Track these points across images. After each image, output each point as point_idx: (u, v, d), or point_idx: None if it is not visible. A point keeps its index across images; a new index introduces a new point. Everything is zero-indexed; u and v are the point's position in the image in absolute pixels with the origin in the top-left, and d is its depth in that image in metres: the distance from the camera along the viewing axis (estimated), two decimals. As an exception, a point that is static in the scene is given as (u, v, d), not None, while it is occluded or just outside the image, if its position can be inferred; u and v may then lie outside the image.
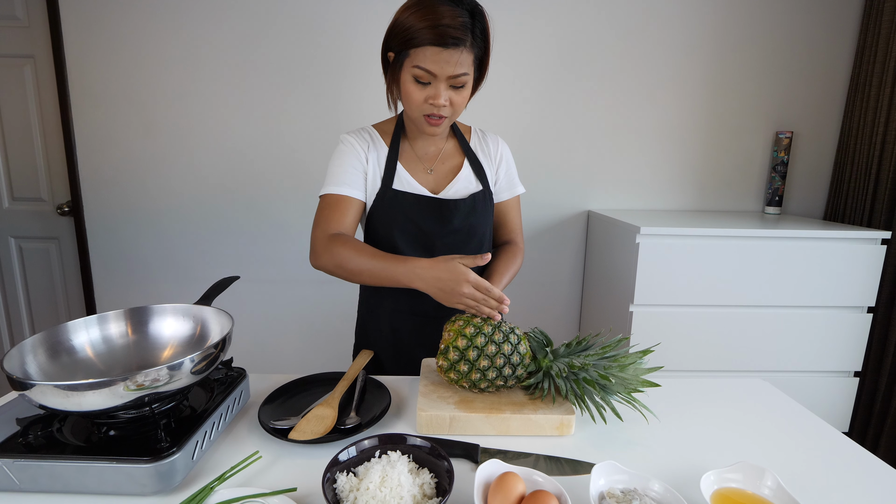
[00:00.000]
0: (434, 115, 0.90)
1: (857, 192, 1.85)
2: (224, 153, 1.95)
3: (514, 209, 1.13)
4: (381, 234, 1.00)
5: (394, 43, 0.88)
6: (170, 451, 0.60)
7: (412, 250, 1.00)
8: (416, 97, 0.88)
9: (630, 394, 0.77)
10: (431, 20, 0.82)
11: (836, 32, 1.90)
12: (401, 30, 0.85)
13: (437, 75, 0.86)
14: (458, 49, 0.84)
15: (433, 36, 0.82)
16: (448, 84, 0.87)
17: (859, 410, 1.82)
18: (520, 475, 0.60)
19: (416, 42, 0.84)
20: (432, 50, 0.83)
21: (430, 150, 1.04)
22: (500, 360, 0.78)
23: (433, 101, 0.88)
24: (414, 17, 0.83)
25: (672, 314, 1.63)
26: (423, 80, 0.87)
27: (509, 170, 1.11)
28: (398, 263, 0.84)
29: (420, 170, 1.02)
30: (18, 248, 2.11)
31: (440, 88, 0.87)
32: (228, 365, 0.84)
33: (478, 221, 1.03)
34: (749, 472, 0.62)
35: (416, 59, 0.85)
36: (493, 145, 1.10)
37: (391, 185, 0.98)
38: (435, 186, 1.02)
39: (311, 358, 2.14)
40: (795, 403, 0.90)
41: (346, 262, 0.88)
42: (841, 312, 1.66)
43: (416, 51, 0.84)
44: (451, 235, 1.00)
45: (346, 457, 0.63)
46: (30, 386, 0.57)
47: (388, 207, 0.98)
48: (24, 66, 1.93)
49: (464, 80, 0.88)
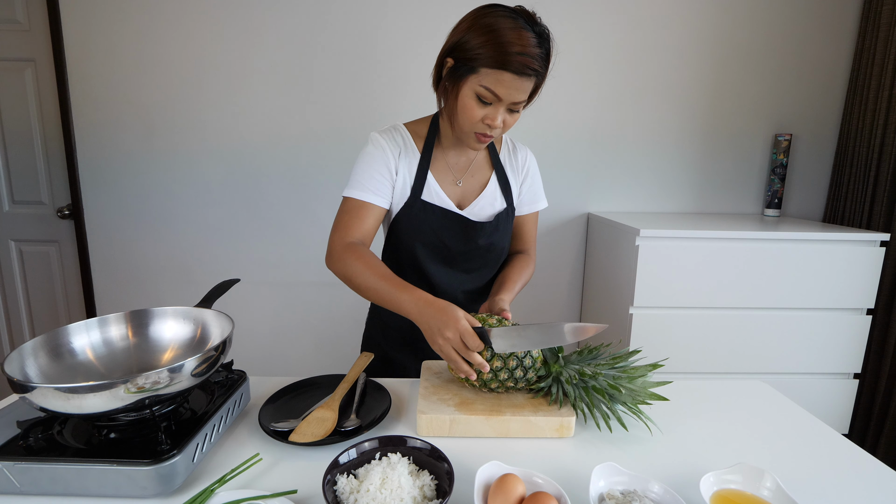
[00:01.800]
0: (485, 133, 0.90)
1: (856, 194, 1.85)
2: (224, 156, 1.96)
3: (531, 222, 1.13)
4: (404, 242, 1.00)
5: (460, 55, 0.84)
6: (170, 454, 0.60)
7: (431, 261, 1.00)
8: (474, 115, 0.87)
9: (637, 405, 0.78)
10: (510, 45, 0.80)
11: (835, 35, 1.91)
12: (473, 46, 0.82)
13: (502, 99, 0.85)
14: (529, 78, 0.83)
15: (509, 62, 0.80)
16: (507, 107, 0.87)
17: (859, 412, 1.82)
18: (520, 477, 0.60)
19: (488, 63, 0.81)
20: (508, 77, 0.81)
21: (462, 161, 1.03)
22: (513, 362, 0.79)
23: (489, 121, 0.87)
24: (490, 37, 0.81)
25: (672, 316, 1.63)
26: (486, 101, 0.85)
27: (534, 184, 1.11)
28: (404, 291, 0.82)
29: (449, 181, 1.01)
30: (19, 251, 2.11)
31: (499, 110, 0.87)
32: (229, 367, 0.85)
33: (499, 239, 1.03)
34: (748, 474, 0.62)
35: (486, 79, 0.83)
36: (521, 159, 1.09)
37: (420, 196, 0.97)
38: (461, 199, 1.02)
39: (312, 360, 2.14)
40: (795, 405, 0.91)
41: (356, 276, 0.87)
42: (840, 314, 1.66)
43: (488, 71, 0.82)
44: (472, 251, 1.01)
45: (347, 459, 0.63)
46: (30, 389, 0.57)
47: (414, 218, 0.97)
48: (25, 70, 1.94)
49: (521, 105, 0.88)
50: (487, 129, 0.89)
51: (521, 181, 1.09)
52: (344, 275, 0.89)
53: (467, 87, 0.85)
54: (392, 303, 0.83)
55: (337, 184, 1.98)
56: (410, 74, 1.90)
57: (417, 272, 1.01)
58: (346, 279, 0.89)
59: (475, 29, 0.83)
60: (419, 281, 1.00)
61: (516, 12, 0.83)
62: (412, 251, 0.99)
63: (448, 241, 0.99)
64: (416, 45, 1.88)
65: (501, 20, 0.81)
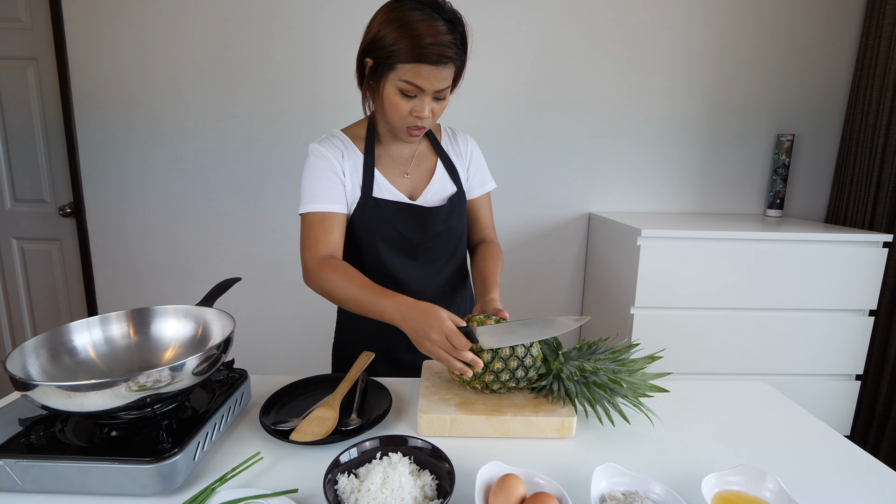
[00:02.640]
0: (416, 126, 0.91)
1: (859, 195, 1.85)
2: (225, 155, 1.96)
3: (485, 205, 1.14)
4: (364, 241, 1.00)
5: (377, 54, 0.86)
6: (171, 452, 0.60)
7: (394, 256, 1.00)
8: (402, 109, 0.88)
9: (638, 398, 0.78)
10: (422, 38, 0.81)
11: (838, 35, 1.90)
12: (387, 43, 0.84)
13: (425, 90, 0.86)
14: (447, 66, 0.85)
15: (424, 54, 0.82)
16: (432, 97, 0.88)
17: (861, 414, 1.81)
18: (521, 477, 0.60)
19: (404, 58, 0.83)
20: (426, 68, 0.83)
21: (405, 153, 1.04)
22: (514, 362, 0.79)
23: (418, 113, 0.88)
24: (401, 32, 0.82)
25: (673, 317, 1.63)
26: (410, 94, 0.87)
27: (480, 167, 1.12)
28: (385, 298, 0.82)
29: (397, 174, 1.02)
30: (20, 250, 2.11)
31: (425, 101, 0.88)
32: (230, 366, 0.85)
33: (456, 223, 1.04)
34: (750, 475, 0.62)
35: (404, 74, 0.84)
36: (462, 143, 1.11)
37: (371, 194, 0.98)
38: (412, 190, 1.02)
39: (313, 360, 2.14)
40: (797, 406, 0.90)
41: (335, 290, 0.87)
42: (842, 315, 1.65)
43: (404, 66, 0.84)
44: (432, 240, 1.01)
45: (348, 458, 0.63)
46: (32, 386, 0.57)
47: (369, 216, 0.98)
48: (27, 68, 1.94)
49: (446, 91, 0.89)
50: (417, 120, 0.90)
51: (468, 165, 1.10)
52: (323, 290, 0.89)
53: (389, 83, 0.87)
54: (375, 311, 0.83)
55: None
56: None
57: (383, 271, 1.01)
58: (325, 294, 0.89)
59: (386, 25, 0.84)
60: (386, 280, 1.00)
61: (423, 2, 0.84)
62: (374, 250, 0.99)
63: (406, 233, 0.99)
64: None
65: (410, 13, 0.83)
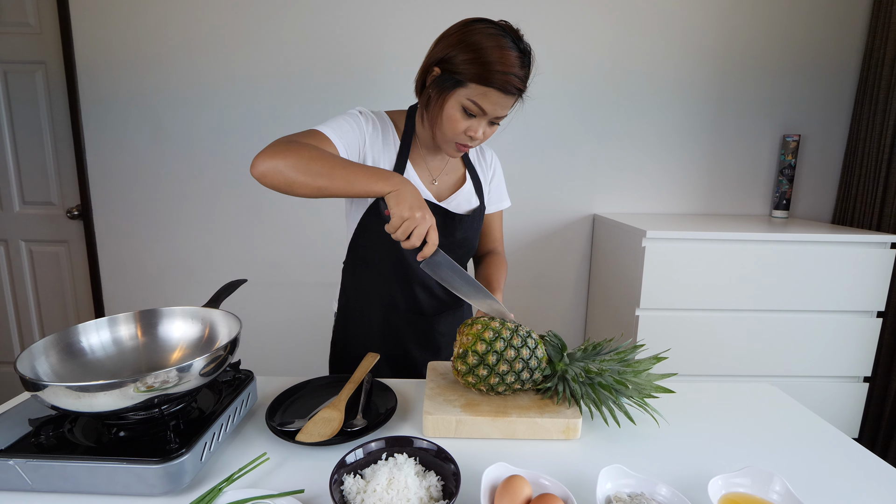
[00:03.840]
0: (466, 144, 0.92)
1: (866, 195, 1.83)
2: (232, 157, 1.97)
3: (498, 220, 1.17)
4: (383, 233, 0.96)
5: (449, 67, 0.85)
6: (179, 452, 0.61)
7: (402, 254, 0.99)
8: (458, 126, 0.88)
9: (643, 399, 0.77)
10: (499, 64, 0.81)
11: (844, 34, 1.89)
12: (462, 60, 0.83)
13: (486, 114, 0.87)
14: (514, 96, 0.86)
15: (497, 80, 0.82)
16: (489, 121, 0.89)
17: (869, 416, 1.80)
18: (526, 478, 0.60)
19: (476, 79, 0.83)
20: (493, 93, 0.84)
21: (437, 161, 1.04)
22: (519, 364, 0.79)
23: (472, 133, 0.89)
24: (479, 54, 0.82)
25: (678, 318, 1.62)
26: (472, 113, 0.87)
27: (500, 184, 1.14)
28: (377, 168, 0.79)
29: (426, 179, 1.02)
30: (29, 252, 2.13)
31: (482, 123, 0.89)
32: (236, 367, 0.85)
33: (472, 235, 1.05)
34: (757, 477, 0.62)
35: (474, 94, 0.84)
36: (489, 158, 1.13)
37: None
38: (437, 197, 1.02)
39: (318, 360, 2.14)
40: (804, 408, 0.90)
41: (305, 154, 0.76)
42: (850, 317, 1.64)
43: (474, 86, 0.84)
44: (449, 245, 1.01)
45: (354, 459, 0.64)
46: (42, 387, 0.58)
47: None
48: (36, 72, 1.96)
49: (502, 119, 0.90)
50: (469, 140, 0.90)
51: (490, 179, 1.12)
52: (286, 160, 0.75)
53: (454, 98, 0.87)
54: (366, 173, 0.77)
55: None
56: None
57: (397, 262, 1.00)
58: (288, 166, 0.75)
59: (462, 45, 0.84)
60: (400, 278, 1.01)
61: (503, 29, 0.84)
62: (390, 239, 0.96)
63: None
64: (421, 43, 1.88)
65: (491, 37, 0.83)
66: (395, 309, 1.06)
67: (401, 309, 1.06)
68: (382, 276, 1.04)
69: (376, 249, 1.01)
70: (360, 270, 1.07)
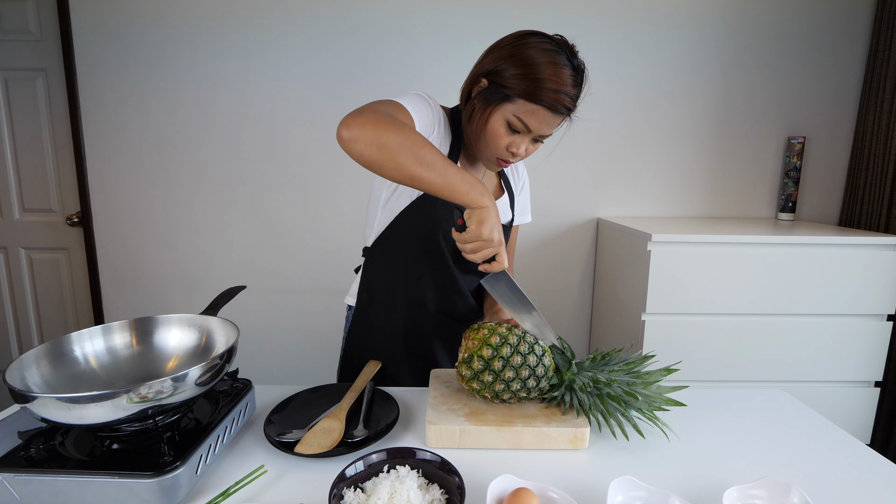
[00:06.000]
0: (507, 160, 0.89)
1: (873, 197, 1.81)
2: (232, 164, 1.96)
3: (515, 234, 1.14)
4: (427, 227, 0.92)
5: (497, 80, 0.82)
6: (173, 466, 0.59)
7: (444, 255, 0.95)
8: (501, 141, 0.86)
9: (653, 412, 0.75)
10: (550, 81, 0.78)
11: (848, 36, 1.88)
12: (512, 74, 0.80)
13: (532, 131, 0.84)
14: (562, 115, 0.83)
15: (546, 98, 0.79)
16: (533, 138, 0.86)
17: (880, 421, 1.77)
18: (533, 491, 0.57)
19: (525, 95, 0.80)
20: (543, 112, 0.81)
21: (475, 171, 1.00)
22: (525, 371, 0.77)
23: (514, 149, 0.86)
24: (530, 70, 0.79)
25: (685, 323, 1.60)
26: (516, 129, 0.84)
27: (526, 197, 1.13)
28: (472, 177, 0.74)
29: None
30: (28, 259, 2.12)
31: (526, 140, 0.86)
32: (234, 376, 0.83)
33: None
34: (774, 489, 0.59)
35: (521, 110, 0.81)
36: (521, 172, 1.11)
37: None
38: None
39: (318, 369, 2.12)
40: (816, 414, 0.87)
41: (409, 136, 0.70)
42: (860, 320, 1.61)
43: (525, 103, 0.81)
44: None
45: (354, 472, 0.62)
46: (31, 398, 0.56)
47: (440, 204, 0.91)
48: (37, 79, 1.96)
49: (547, 137, 0.88)
50: (510, 156, 0.88)
51: (519, 193, 1.10)
52: (390, 135, 0.69)
53: (499, 112, 0.83)
54: (461, 178, 0.72)
55: (344, 192, 1.97)
56: (423, 82, 1.89)
57: (436, 262, 0.96)
58: (392, 143, 0.69)
59: (513, 59, 0.81)
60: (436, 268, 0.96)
61: (557, 44, 0.81)
62: (432, 241, 0.93)
63: None
64: (428, 54, 1.87)
65: (545, 53, 0.80)
66: (423, 308, 1.01)
67: (430, 309, 1.01)
68: (415, 270, 0.98)
69: (412, 241, 0.95)
70: (389, 261, 1.00)
